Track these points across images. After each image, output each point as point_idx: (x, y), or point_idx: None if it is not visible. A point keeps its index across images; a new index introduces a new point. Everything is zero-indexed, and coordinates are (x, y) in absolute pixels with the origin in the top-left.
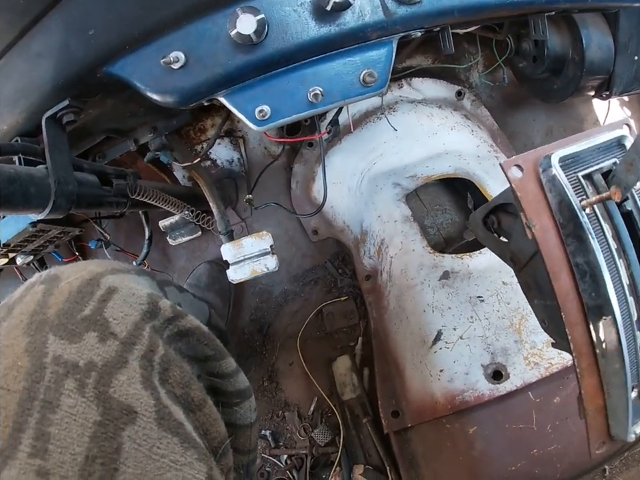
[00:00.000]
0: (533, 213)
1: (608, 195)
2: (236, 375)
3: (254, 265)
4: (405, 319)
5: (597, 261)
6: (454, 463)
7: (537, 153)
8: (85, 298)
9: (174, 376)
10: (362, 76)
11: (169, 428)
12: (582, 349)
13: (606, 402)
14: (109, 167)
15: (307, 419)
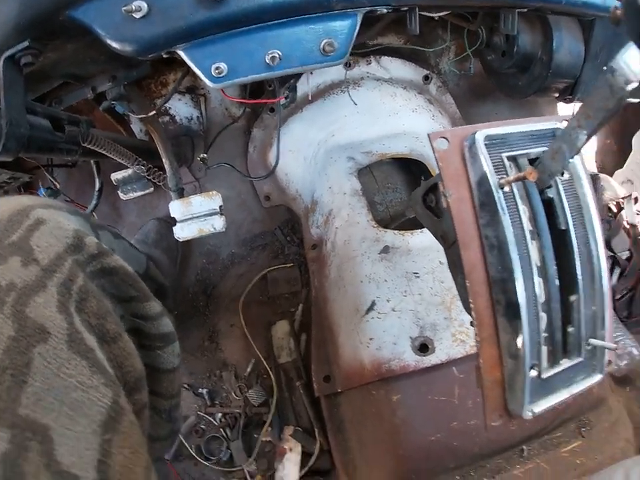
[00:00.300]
0: (451, 183)
1: (524, 175)
2: (160, 318)
3: (201, 224)
4: (343, 287)
5: (505, 236)
6: (377, 429)
7: (466, 129)
8: (14, 226)
9: (90, 307)
10: (322, 45)
11: (78, 351)
12: (484, 319)
13: (504, 375)
14: (62, 113)
15: (243, 380)
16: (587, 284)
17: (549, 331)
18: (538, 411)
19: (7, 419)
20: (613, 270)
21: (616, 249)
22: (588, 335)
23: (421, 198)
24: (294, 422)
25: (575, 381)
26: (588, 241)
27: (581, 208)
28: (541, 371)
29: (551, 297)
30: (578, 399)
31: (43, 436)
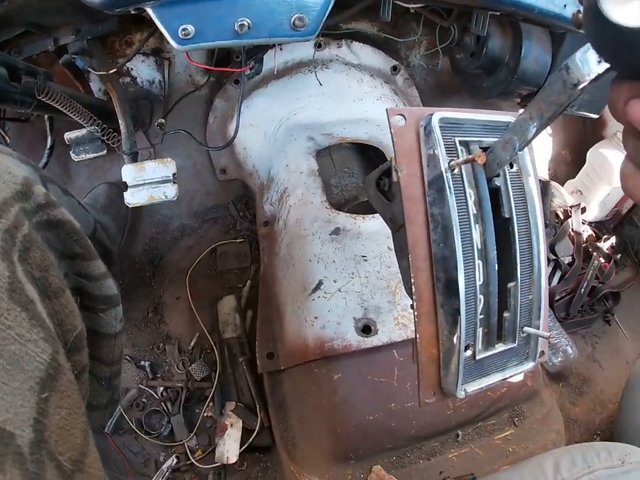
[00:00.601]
0: (403, 159)
1: (473, 157)
2: (104, 279)
3: (153, 191)
4: (292, 265)
5: (450, 215)
6: (318, 406)
7: (424, 110)
8: None
9: (34, 257)
10: (293, 18)
11: (19, 302)
12: (423, 295)
13: (440, 353)
14: (20, 62)
15: (186, 353)
16: (526, 273)
17: (485, 314)
18: (470, 390)
19: None
20: (554, 273)
21: (559, 253)
22: (523, 322)
23: (374, 181)
24: (236, 398)
25: (507, 366)
26: (529, 232)
27: (525, 200)
28: (475, 352)
29: (489, 281)
30: (513, 389)
31: None
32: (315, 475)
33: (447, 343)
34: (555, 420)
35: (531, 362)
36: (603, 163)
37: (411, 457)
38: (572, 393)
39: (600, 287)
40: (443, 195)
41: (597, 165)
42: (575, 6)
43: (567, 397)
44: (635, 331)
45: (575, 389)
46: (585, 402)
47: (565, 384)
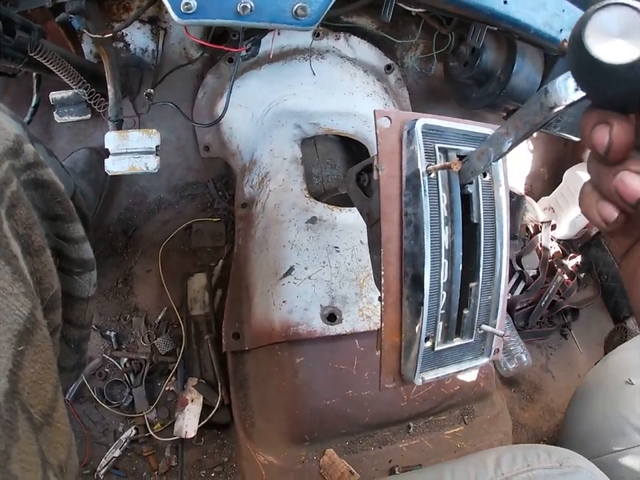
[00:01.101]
0: (385, 159)
1: (449, 164)
2: (82, 242)
3: (134, 161)
4: (266, 249)
5: (422, 216)
6: (279, 388)
7: (409, 115)
8: None
9: (20, 214)
10: (295, 7)
11: (3, 255)
12: (391, 287)
13: (402, 342)
14: (16, 16)
15: (152, 327)
16: (487, 275)
17: (447, 309)
18: (427, 378)
19: None
20: (518, 283)
21: (525, 265)
22: (481, 320)
23: (355, 175)
24: (198, 374)
25: (463, 359)
26: (495, 238)
27: (494, 208)
28: (435, 343)
29: (453, 279)
30: (465, 388)
31: None
32: (270, 453)
33: (409, 333)
34: (503, 422)
35: (485, 357)
36: (578, 184)
37: (363, 444)
38: (523, 399)
39: (560, 301)
40: (418, 197)
41: (572, 186)
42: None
43: (517, 402)
44: (590, 347)
45: (526, 395)
46: (535, 409)
47: (517, 389)
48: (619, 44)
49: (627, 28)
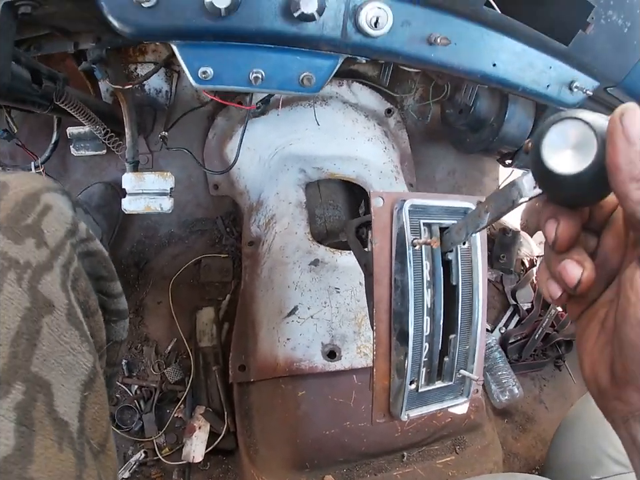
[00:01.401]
0: (378, 233)
1: (429, 242)
2: (120, 296)
3: (150, 202)
4: (272, 289)
5: (407, 281)
6: (281, 418)
7: (400, 195)
8: (28, 209)
9: (81, 285)
10: (302, 76)
11: (74, 323)
12: (382, 340)
13: (390, 385)
14: (43, 67)
15: (162, 357)
16: (465, 328)
17: (429, 357)
18: (412, 415)
19: (22, 374)
20: (512, 317)
21: (519, 299)
22: (460, 366)
23: (354, 228)
24: (206, 403)
25: (445, 399)
26: (472, 297)
27: (471, 271)
28: (418, 386)
29: (434, 332)
30: (456, 420)
31: (46, 390)
32: (272, 479)
33: (396, 377)
34: (494, 452)
35: (464, 397)
36: None
37: (359, 471)
38: (515, 429)
39: (554, 334)
40: (405, 266)
41: None
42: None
43: (510, 432)
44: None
45: (518, 426)
46: (527, 438)
47: (510, 420)
48: (570, 155)
49: (578, 140)
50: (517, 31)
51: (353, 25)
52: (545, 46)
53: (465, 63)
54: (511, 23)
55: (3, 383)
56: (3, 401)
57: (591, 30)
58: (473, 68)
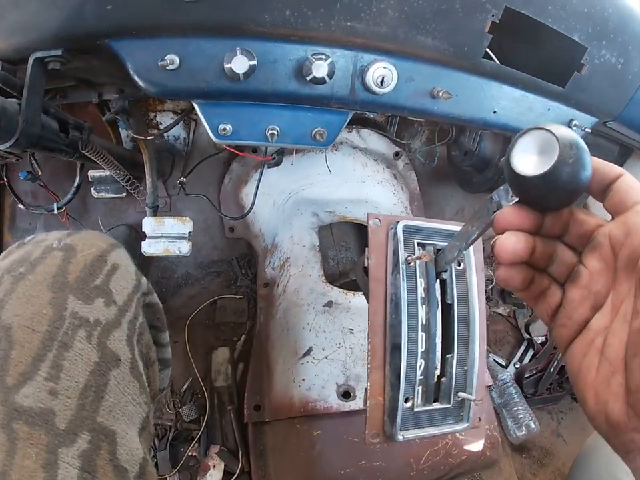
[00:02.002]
0: (374, 251)
1: (420, 256)
2: (167, 346)
3: (169, 245)
4: (286, 330)
5: (401, 295)
6: (296, 458)
7: (395, 217)
8: (96, 271)
9: (145, 339)
10: (314, 132)
11: (136, 376)
12: (376, 353)
13: (385, 401)
14: (70, 117)
15: (177, 395)
16: (462, 347)
17: (425, 375)
18: (408, 437)
19: (88, 424)
20: (527, 351)
21: (533, 333)
22: (458, 388)
23: (362, 266)
24: (220, 442)
25: (443, 423)
26: (468, 316)
27: (467, 291)
28: (414, 405)
29: (430, 349)
30: (472, 457)
31: (111, 439)
32: None
33: (391, 393)
34: None
35: (465, 423)
36: None
37: None
38: (533, 464)
39: None
40: (398, 280)
41: None
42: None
43: (528, 467)
44: None
45: (536, 461)
46: (546, 473)
47: (528, 455)
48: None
49: (543, 147)
50: (515, 78)
51: (361, 84)
52: (542, 89)
53: (466, 112)
54: (508, 71)
55: (70, 432)
56: (69, 450)
57: (585, 70)
58: (474, 117)
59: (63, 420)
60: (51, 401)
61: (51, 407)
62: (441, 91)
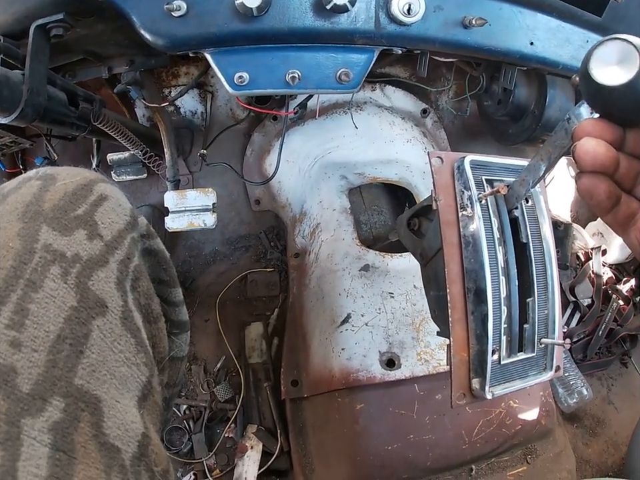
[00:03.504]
0: (441, 191)
1: (497, 190)
2: (181, 305)
3: (192, 218)
4: (321, 298)
5: (479, 236)
6: (338, 434)
7: (457, 154)
8: (79, 200)
9: (142, 286)
10: (339, 73)
11: (129, 329)
12: (456, 304)
13: (470, 357)
14: (79, 89)
15: (211, 375)
16: (541, 290)
17: (508, 324)
18: (497, 393)
19: (62, 387)
20: (573, 315)
21: (579, 295)
22: (541, 334)
23: (405, 221)
24: (257, 421)
25: (528, 374)
26: (543, 255)
27: (539, 229)
28: (500, 357)
29: (510, 294)
30: (527, 426)
31: (94, 407)
32: None
33: (476, 346)
34: (566, 459)
35: (549, 372)
36: None
37: None
38: (585, 434)
39: (618, 329)
40: (473, 220)
41: None
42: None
43: (580, 437)
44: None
45: (588, 430)
46: (599, 443)
47: (579, 425)
48: (616, 70)
49: (621, 57)
50: (550, 5)
51: (386, 15)
52: (579, 19)
53: (502, 43)
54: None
55: (37, 397)
56: (35, 420)
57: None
58: (510, 48)
59: (27, 380)
60: (12, 355)
61: (11, 363)
62: (473, 19)
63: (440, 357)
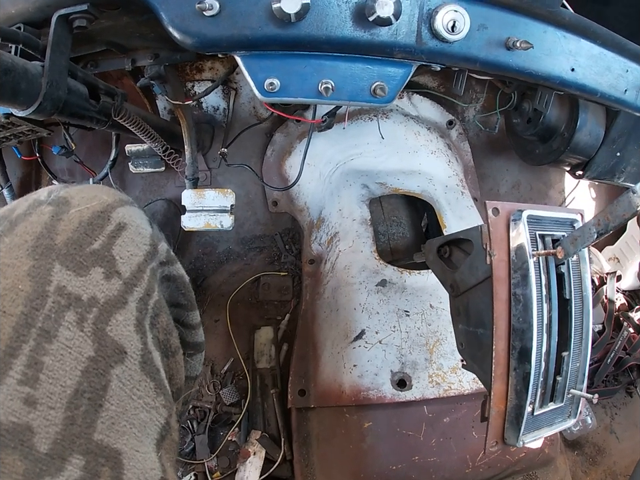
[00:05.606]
0: (496, 245)
1: (554, 252)
2: (198, 327)
3: (210, 219)
4: (336, 310)
5: (531, 295)
6: (343, 450)
7: (514, 205)
8: (95, 231)
9: (161, 322)
10: (374, 86)
11: (149, 372)
12: (500, 360)
13: (507, 409)
14: (101, 82)
15: (218, 377)
16: (577, 344)
17: (544, 377)
18: (527, 441)
19: (81, 444)
20: None
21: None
22: (570, 385)
23: (436, 248)
24: (262, 427)
25: (554, 422)
26: (582, 311)
27: (581, 284)
28: (534, 408)
29: (550, 350)
30: (530, 454)
31: (114, 461)
32: None
33: (515, 400)
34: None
35: (572, 419)
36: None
37: None
38: (585, 462)
39: (627, 358)
40: (526, 279)
41: (636, 234)
42: (634, 90)
43: (580, 465)
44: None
45: (589, 458)
46: (597, 472)
47: (580, 452)
48: None
49: None
50: (594, 32)
51: (428, 30)
52: (621, 47)
53: (543, 68)
54: (588, 24)
55: (55, 457)
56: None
57: None
58: (551, 73)
59: (45, 440)
60: (27, 414)
61: (26, 422)
62: (518, 41)
63: (451, 381)
